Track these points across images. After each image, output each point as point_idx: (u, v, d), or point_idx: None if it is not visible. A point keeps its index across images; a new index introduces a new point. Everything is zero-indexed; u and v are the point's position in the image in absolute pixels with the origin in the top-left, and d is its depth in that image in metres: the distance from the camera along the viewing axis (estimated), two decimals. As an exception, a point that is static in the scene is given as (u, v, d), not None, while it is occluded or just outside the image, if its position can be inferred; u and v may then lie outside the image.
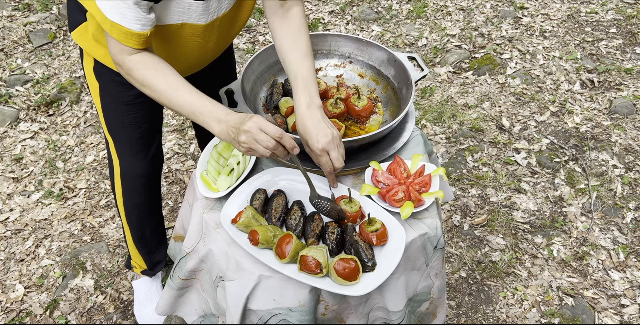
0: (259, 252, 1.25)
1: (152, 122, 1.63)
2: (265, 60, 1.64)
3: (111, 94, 1.52)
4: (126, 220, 1.81)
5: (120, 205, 1.77)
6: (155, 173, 1.73)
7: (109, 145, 1.65)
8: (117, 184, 1.72)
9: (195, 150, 2.77)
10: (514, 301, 2.10)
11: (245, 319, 1.32)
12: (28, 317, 2.04)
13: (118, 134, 1.60)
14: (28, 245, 2.30)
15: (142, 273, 1.98)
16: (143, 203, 1.77)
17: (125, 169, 1.67)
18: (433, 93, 3.10)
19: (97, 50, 1.41)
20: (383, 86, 1.68)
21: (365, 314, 1.38)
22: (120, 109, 1.54)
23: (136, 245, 1.87)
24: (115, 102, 1.53)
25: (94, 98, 1.57)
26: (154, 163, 1.70)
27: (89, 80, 1.53)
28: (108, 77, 1.48)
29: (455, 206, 2.47)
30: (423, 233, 1.33)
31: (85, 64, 1.51)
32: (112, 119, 1.58)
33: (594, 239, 2.30)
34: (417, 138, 1.57)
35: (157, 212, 1.88)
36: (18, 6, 3.85)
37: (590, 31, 3.53)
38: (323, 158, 1.27)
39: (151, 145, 1.66)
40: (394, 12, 3.77)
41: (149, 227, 1.85)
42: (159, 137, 1.70)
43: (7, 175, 2.62)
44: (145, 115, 1.58)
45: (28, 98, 3.07)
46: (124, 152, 1.64)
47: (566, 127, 2.85)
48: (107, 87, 1.51)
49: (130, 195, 1.74)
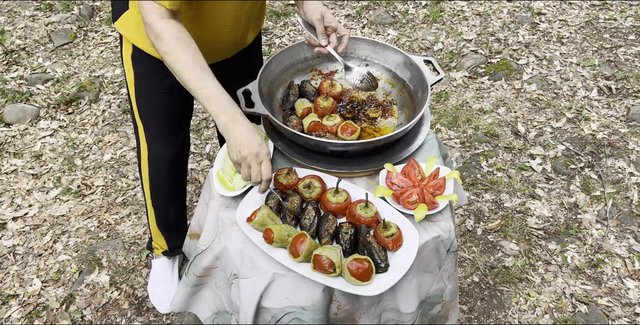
0: (273, 250, 1.27)
1: (183, 110, 1.72)
2: (281, 62, 1.66)
3: (146, 81, 1.60)
4: (151, 203, 1.87)
5: (146, 188, 1.84)
6: (181, 158, 1.81)
7: (138, 130, 1.71)
8: (144, 167, 1.78)
9: (210, 149, 2.80)
10: (527, 307, 2.09)
11: (258, 316, 1.33)
12: (44, 311, 2.07)
13: (149, 119, 1.67)
14: (46, 240, 2.34)
15: (162, 253, 2.06)
16: (168, 186, 1.84)
17: (153, 152, 1.73)
18: (448, 97, 3.09)
19: (138, 37, 1.49)
20: (398, 89, 1.69)
21: (377, 314, 1.38)
22: (153, 96, 1.62)
23: (159, 227, 1.95)
24: (149, 88, 1.61)
25: (128, 84, 1.64)
26: (181, 148, 1.78)
27: (126, 67, 1.61)
28: (145, 64, 1.55)
29: (468, 210, 2.47)
30: (436, 235, 1.34)
31: (124, 52, 1.59)
32: (145, 105, 1.65)
33: (609, 247, 2.28)
34: (432, 141, 1.58)
35: (181, 196, 1.95)
36: (40, 6, 3.93)
37: (609, 37, 3.50)
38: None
39: (180, 131, 1.74)
40: (410, 16, 3.78)
41: (172, 210, 1.92)
42: (188, 124, 1.79)
43: (27, 172, 2.67)
44: (177, 103, 1.65)
45: (48, 96, 3.13)
46: (153, 137, 1.70)
47: (582, 133, 2.83)
48: (143, 74, 1.59)
49: (156, 178, 1.80)
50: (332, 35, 1.57)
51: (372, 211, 1.34)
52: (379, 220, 1.35)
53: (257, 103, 1.46)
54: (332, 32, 1.56)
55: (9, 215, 2.45)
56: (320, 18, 1.52)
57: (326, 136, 1.50)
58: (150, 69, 1.56)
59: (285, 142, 1.51)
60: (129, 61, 1.58)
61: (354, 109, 1.64)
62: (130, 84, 1.63)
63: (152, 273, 2.12)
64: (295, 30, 3.72)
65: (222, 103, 1.25)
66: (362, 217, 1.33)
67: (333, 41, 1.57)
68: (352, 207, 1.35)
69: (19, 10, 3.91)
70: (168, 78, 1.51)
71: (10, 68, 3.36)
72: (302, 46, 1.68)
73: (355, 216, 1.33)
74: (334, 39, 1.57)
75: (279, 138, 1.51)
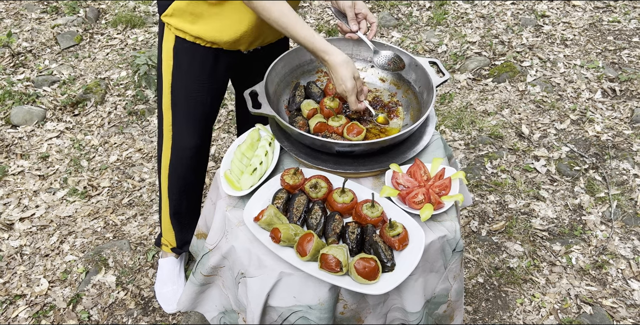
0: (280, 249, 1.28)
1: (213, 103, 1.77)
2: (288, 63, 1.68)
3: (184, 72, 1.66)
4: (167, 193, 1.91)
5: (164, 178, 1.88)
6: (203, 149, 1.85)
7: (163, 120, 1.77)
8: (165, 157, 1.83)
9: (215, 151, 2.82)
10: (531, 308, 2.09)
11: (265, 315, 1.34)
12: (52, 311, 2.09)
13: (180, 109, 1.73)
14: (52, 241, 2.36)
15: (171, 250, 2.09)
16: (187, 177, 1.88)
17: (176, 141, 1.78)
18: (452, 99, 3.10)
19: (186, 23, 1.55)
20: (404, 90, 1.70)
21: (383, 313, 1.39)
22: (189, 87, 1.68)
23: (171, 220, 1.98)
24: (185, 79, 1.67)
25: (164, 74, 1.69)
26: (205, 140, 1.83)
27: (165, 58, 1.66)
28: (187, 55, 1.62)
29: (473, 212, 2.47)
30: (442, 235, 1.35)
31: (165, 43, 1.64)
32: (178, 95, 1.70)
33: (614, 248, 2.28)
34: (437, 142, 1.59)
35: (198, 190, 1.98)
36: (46, 9, 3.96)
37: (612, 40, 3.51)
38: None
39: (206, 124, 1.79)
40: (413, 18, 3.80)
41: (186, 202, 1.96)
42: (214, 118, 1.83)
43: (34, 173, 2.69)
44: (209, 96, 1.72)
45: (54, 98, 3.15)
46: (180, 126, 1.75)
47: (586, 135, 2.83)
48: (183, 65, 1.65)
49: (176, 167, 1.84)
50: (362, 22, 1.64)
51: (378, 211, 1.35)
52: (385, 220, 1.35)
53: (264, 104, 1.48)
54: (362, 19, 1.64)
55: (16, 216, 2.47)
56: (352, 5, 1.61)
57: (332, 137, 1.51)
58: (191, 60, 1.63)
59: (291, 142, 1.52)
60: (170, 52, 1.64)
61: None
62: (167, 74, 1.68)
63: (159, 272, 2.13)
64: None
65: (316, 42, 1.40)
66: (369, 216, 1.34)
67: (363, 27, 1.64)
68: (358, 207, 1.36)
69: (26, 13, 3.94)
70: (204, 70, 1.63)
71: (17, 70, 3.39)
72: (308, 48, 1.70)
73: (362, 216, 1.34)
74: (364, 25, 1.64)
75: (286, 138, 1.53)
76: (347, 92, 1.47)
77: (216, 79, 1.70)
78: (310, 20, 3.85)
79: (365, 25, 1.64)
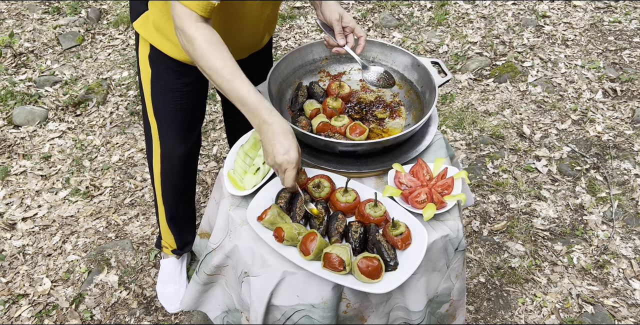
0: (283, 248, 1.28)
1: (196, 110, 1.75)
2: (290, 63, 1.69)
3: (162, 80, 1.63)
4: (162, 200, 1.92)
5: (158, 186, 1.88)
6: (192, 156, 1.85)
7: (150, 129, 1.75)
8: (156, 165, 1.82)
9: (217, 151, 2.82)
10: (533, 307, 2.10)
11: (269, 314, 1.35)
12: (54, 310, 2.09)
13: (163, 118, 1.71)
14: (55, 241, 2.36)
15: (172, 252, 2.10)
16: (179, 184, 1.88)
17: (165, 150, 1.78)
18: (453, 99, 3.11)
19: (155, 37, 1.53)
20: (406, 90, 1.70)
21: (385, 313, 1.40)
22: (168, 95, 1.66)
23: (168, 224, 1.99)
24: (164, 88, 1.64)
25: (143, 83, 1.68)
26: (193, 146, 1.82)
27: (142, 66, 1.64)
28: (162, 64, 1.59)
29: (474, 212, 2.48)
30: (444, 234, 1.35)
31: (141, 51, 1.62)
32: (160, 104, 1.68)
33: (615, 248, 2.29)
34: (439, 141, 1.59)
35: (190, 193, 1.99)
36: (48, 9, 3.97)
37: (613, 40, 3.51)
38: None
39: (192, 130, 1.78)
40: (415, 18, 3.80)
41: (181, 207, 1.97)
42: (200, 124, 1.82)
43: (36, 173, 2.70)
44: (191, 102, 1.69)
45: (56, 98, 3.16)
46: (166, 135, 1.74)
47: (587, 135, 2.84)
48: (159, 73, 1.63)
49: (167, 175, 1.84)
50: (349, 36, 1.60)
51: (381, 210, 1.35)
52: (387, 219, 1.36)
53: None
54: (349, 33, 1.60)
55: (18, 215, 2.47)
56: (339, 19, 1.56)
57: (335, 136, 1.52)
58: (167, 68, 1.60)
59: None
60: (146, 61, 1.62)
61: (362, 110, 1.66)
62: (146, 83, 1.66)
63: (161, 273, 2.14)
64: (301, 33, 3.75)
65: (251, 105, 1.23)
66: (371, 216, 1.34)
67: (350, 41, 1.60)
68: (361, 206, 1.37)
69: (28, 13, 3.95)
70: (184, 78, 1.58)
71: (19, 70, 3.39)
72: (310, 48, 1.71)
73: (365, 215, 1.35)
74: (351, 39, 1.60)
75: (289, 138, 1.53)
76: (279, 167, 1.25)
77: (196, 86, 1.66)
78: (310, 20, 3.85)
79: (353, 39, 1.60)
